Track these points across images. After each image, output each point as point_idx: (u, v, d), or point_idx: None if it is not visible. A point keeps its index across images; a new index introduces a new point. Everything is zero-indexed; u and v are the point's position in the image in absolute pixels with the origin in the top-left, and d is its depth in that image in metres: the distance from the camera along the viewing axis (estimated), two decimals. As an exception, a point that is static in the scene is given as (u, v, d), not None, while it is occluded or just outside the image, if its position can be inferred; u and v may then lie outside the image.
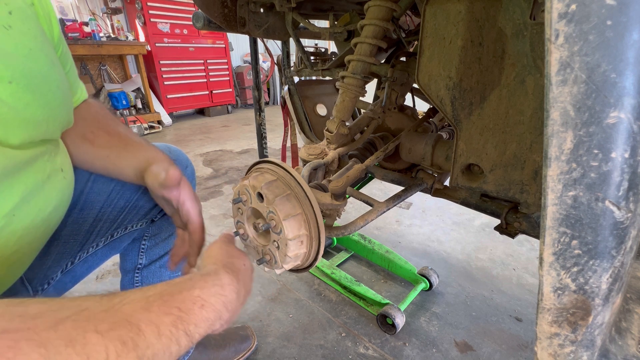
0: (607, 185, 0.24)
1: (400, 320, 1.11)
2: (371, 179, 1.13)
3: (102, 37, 3.94)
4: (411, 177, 0.89)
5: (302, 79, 1.35)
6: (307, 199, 0.56)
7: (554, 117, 0.25)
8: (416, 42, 1.07)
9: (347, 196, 0.76)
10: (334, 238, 1.63)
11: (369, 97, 1.11)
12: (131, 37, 4.26)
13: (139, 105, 4.55)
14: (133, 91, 4.55)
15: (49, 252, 0.63)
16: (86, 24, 3.90)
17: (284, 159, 1.49)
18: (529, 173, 0.58)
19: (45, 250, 0.60)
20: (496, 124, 0.58)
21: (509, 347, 1.09)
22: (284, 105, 1.31)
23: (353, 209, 2.00)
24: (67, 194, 0.57)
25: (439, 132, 1.01)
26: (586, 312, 0.28)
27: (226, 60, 5.29)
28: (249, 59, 5.58)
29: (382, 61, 1.14)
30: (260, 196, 0.57)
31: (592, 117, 0.23)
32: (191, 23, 1.28)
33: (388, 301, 1.16)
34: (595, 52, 0.22)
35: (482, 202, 0.77)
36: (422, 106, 1.12)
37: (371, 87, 1.03)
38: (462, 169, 0.66)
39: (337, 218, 0.75)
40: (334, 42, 1.21)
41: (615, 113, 0.23)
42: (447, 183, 0.79)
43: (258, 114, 1.64)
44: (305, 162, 0.84)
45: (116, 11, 4.44)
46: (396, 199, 0.76)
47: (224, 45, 5.18)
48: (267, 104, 6.31)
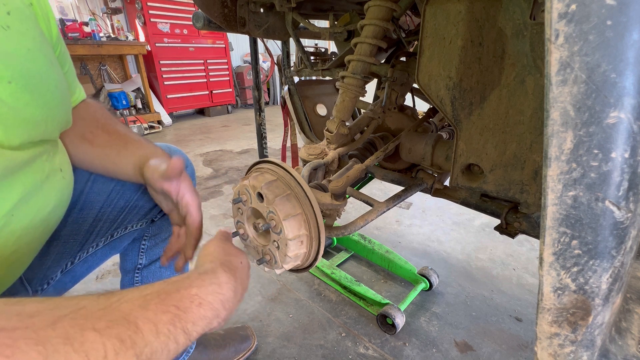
0: (607, 185, 0.25)
1: (400, 320, 1.11)
2: (371, 179, 1.13)
3: (102, 37, 3.94)
4: (411, 177, 0.89)
5: (302, 79, 1.35)
6: (307, 199, 0.56)
7: (554, 117, 0.25)
8: (416, 42, 1.07)
9: (347, 196, 0.76)
10: (334, 238, 1.63)
11: (369, 97, 1.11)
12: (131, 37, 4.27)
13: (139, 105, 4.55)
14: (133, 91, 4.55)
15: (48, 252, 0.63)
16: (86, 24, 3.90)
17: (284, 159, 1.49)
18: (529, 173, 0.58)
19: (44, 250, 0.60)
20: (496, 124, 0.58)
21: (509, 347, 1.09)
22: (284, 105, 1.31)
23: (353, 209, 2.00)
24: (66, 194, 0.57)
25: (439, 132, 1.01)
26: (586, 312, 0.28)
27: (226, 60, 5.29)
28: (249, 59, 5.58)
29: (382, 61, 1.14)
30: (260, 196, 0.57)
31: (592, 117, 0.23)
32: (191, 23, 1.28)
33: (388, 301, 1.16)
34: (595, 52, 0.22)
35: (482, 202, 0.77)
36: (422, 106, 1.12)
37: (371, 87, 1.03)
38: (462, 169, 0.66)
39: (337, 218, 0.75)
40: (334, 42, 1.21)
41: (615, 113, 0.23)
42: (447, 183, 0.79)
43: (258, 114, 1.64)
44: (305, 162, 0.84)
45: (116, 11, 4.44)
46: (396, 199, 0.76)
47: (224, 45, 5.18)
48: (267, 104, 6.31)
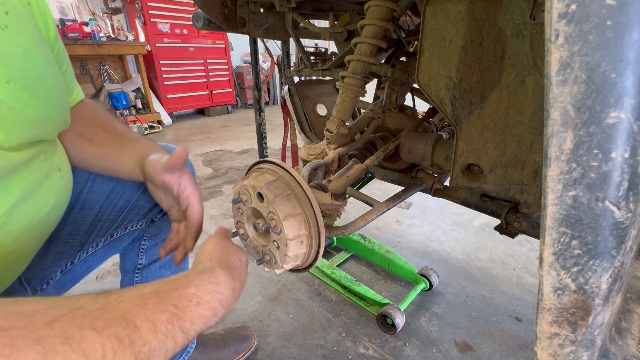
0: (607, 185, 0.24)
1: (400, 320, 1.11)
2: (371, 179, 1.13)
3: (102, 37, 3.94)
4: (411, 177, 0.89)
5: (302, 79, 1.35)
6: (307, 199, 0.56)
7: (554, 117, 0.25)
8: (416, 42, 1.07)
9: (347, 196, 0.76)
10: (334, 238, 1.63)
11: (369, 97, 1.11)
12: (131, 37, 4.27)
13: (139, 105, 4.55)
14: (133, 91, 4.55)
15: (47, 252, 0.63)
16: (86, 24, 3.90)
17: (284, 159, 1.49)
18: (529, 173, 0.58)
19: (44, 250, 0.60)
20: (496, 124, 0.58)
21: (509, 347, 1.09)
22: (284, 105, 1.31)
23: (353, 209, 2.00)
24: (65, 193, 0.57)
25: (439, 132, 1.01)
26: (586, 312, 0.28)
27: (226, 60, 5.29)
28: (249, 59, 5.58)
29: (382, 61, 1.14)
30: (260, 196, 0.57)
31: (592, 117, 0.23)
32: (191, 23, 1.28)
33: (388, 301, 1.16)
34: (595, 52, 0.22)
35: (482, 202, 0.77)
36: (422, 106, 1.12)
37: (371, 87, 1.03)
38: (462, 169, 0.66)
39: (337, 218, 0.75)
40: (334, 42, 1.21)
41: (615, 113, 0.23)
42: (447, 183, 0.79)
43: (258, 114, 1.64)
44: (305, 162, 0.84)
45: (116, 11, 4.44)
46: (396, 199, 0.76)
47: (224, 45, 5.18)
48: (267, 104, 6.31)
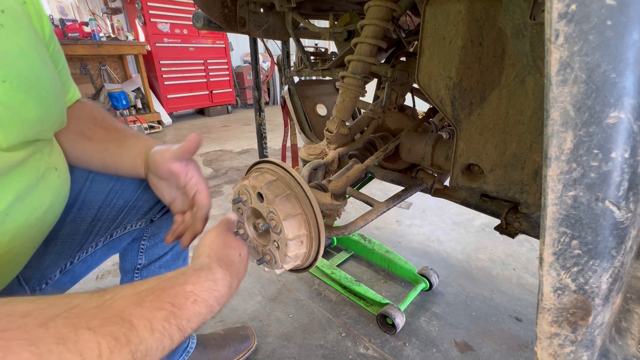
0: (607, 185, 0.24)
1: (400, 320, 1.11)
2: (371, 179, 1.13)
3: (102, 37, 3.94)
4: (411, 177, 0.89)
5: (302, 79, 1.35)
6: (307, 199, 0.56)
7: (554, 117, 0.25)
8: (416, 42, 1.07)
9: (347, 196, 0.76)
10: (334, 238, 1.63)
11: (369, 97, 1.11)
12: (131, 37, 4.26)
13: (139, 105, 4.55)
14: (133, 91, 4.55)
15: (46, 252, 0.63)
16: (86, 24, 3.90)
17: (284, 159, 1.49)
18: (529, 173, 0.58)
19: (42, 250, 0.60)
20: (496, 124, 0.58)
21: (509, 347, 1.09)
22: (284, 105, 1.31)
23: (353, 209, 2.00)
24: (62, 193, 0.57)
25: (439, 132, 1.01)
26: (586, 312, 0.28)
27: (226, 60, 5.29)
28: (249, 59, 5.58)
29: (382, 61, 1.14)
30: (260, 196, 0.57)
31: (592, 117, 0.23)
32: (191, 23, 1.28)
33: (388, 301, 1.16)
34: (595, 52, 0.22)
35: (482, 202, 0.77)
36: (422, 106, 1.12)
37: (371, 87, 1.03)
38: (462, 169, 0.66)
39: (337, 218, 0.75)
40: (334, 42, 1.21)
41: (615, 113, 0.23)
42: (447, 183, 0.79)
43: (258, 114, 1.64)
44: (305, 162, 0.84)
45: (116, 11, 4.44)
46: (396, 199, 0.76)
47: (224, 45, 5.18)
48: (267, 104, 6.31)
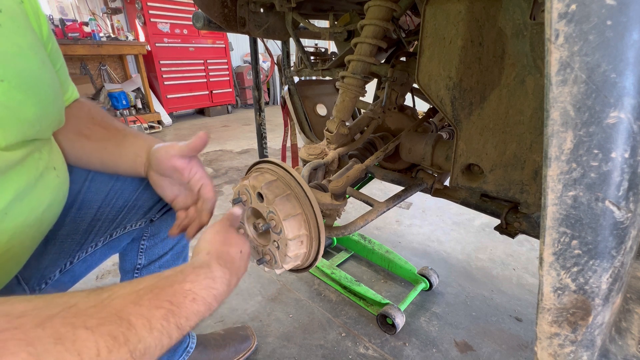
0: (607, 185, 0.24)
1: (400, 320, 1.11)
2: (371, 179, 1.13)
3: (102, 37, 3.94)
4: (411, 177, 0.89)
5: (302, 79, 1.35)
6: (307, 199, 0.56)
7: (554, 117, 0.25)
8: (416, 42, 1.07)
9: (347, 196, 0.76)
10: (334, 238, 1.63)
11: (369, 97, 1.11)
12: (131, 37, 4.26)
13: (139, 105, 4.55)
14: (133, 91, 4.55)
15: (46, 252, 0.63)
16: (86, 24, 3.90)
17: (284, 159, 1.49)
18: (529, 173, 0.58)
19: (42, 250, 0.60)
20: (496, 124, 0.58)
21: (509, 347, 1.09)
22: (284, 105, 1.31)
23: (353, 209, 2.00)
24: (61, 192, 0.57)
25: (439, 132, 1.01)
26: (586, 312, 0.28)
27: (226, 60, 5.29)
28: (249, 59, 5.58)
29: (382, 61, 1.14)
30: (260, 196, 0.57)
31: (592, 117, 0.23)
32: (191, 23, 1.28)
33: (388, 301, 1.16)
34: (595, 52, 0.22)
35: (482, 202, 0.77)
36: (422, 106, 1.12)
37: (371, 87, 1.03)
38: (462, 169, 0.66)
39: (337, 218, 0.75)
40: (334, 42, 1.21)
41: (615, 113, 0.23)
42: (447, 183, 0.79)
43: (258, 114, 1.64)
44: (305, 162, 0.84)
45: (116, 11, 4.44)
46: (396, 199, 0.76)
47: (224, 45, 5.18)
48: (267, 104, 6.31)
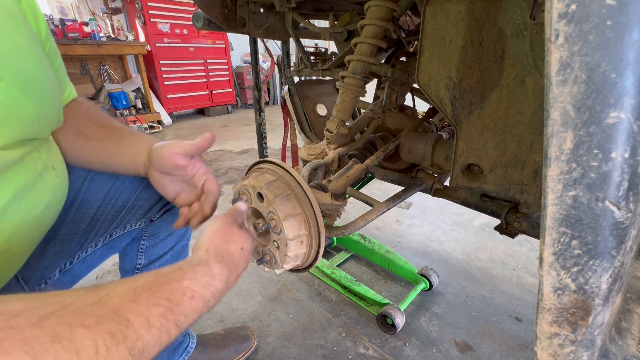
0: (607, 185, 0.24)
1: (400, 320, 1.11)
2: (371, 179, 1.13)
3: (102, 37, 3.94)
4: (411, 177, 0.89)
5: (302, 79, 1.35)
6: (307, 199, 0.56)
7: (554, 117, 0.25)
8: (416, 42, 1.07)
9: (347, 196, 0.76)
10: (334, 238, 1.63)
11: (369, 97, 1.11)
12: (131, 37, 4.26)
13: (139, 105, 4.55)
14: (133, 91, 4.55)
15: (45, 252, 0.63)
16: (86, 24, 3.90)
17: (284, 159, 1.49)
18: (529, 173, 0.58)
19: (41, 250, 0.60)
20: (496, 124, 0.58)
21: (509, 347, 1.09)
22: (284, 105, 1.31)
23: (353, 209, 2.00)
24: (60, 192, 0.57)
25: (439, 132, 1.01)
26: (586, 312, 0.28)
27: (226, 60, 5.29)
28: (249, 59, 5.58)
29: (382, 61, 1.14)
30: (260, 196, 0.57)
31: (592, 117, 0.23)
32: (191, 23, 1.28)
33: (388, 301, 1.16)
34: (595, 52, 0.22)
35: (482, 202, 0.77)
36: (422, 106, 1.12)
37: (371, 87, 1.03)
38: (462, 169, 0.66)
39: (337, 218, 0.75)
40: (334, 42, 1.21)
41: (615, 113, 0.23)
42: (447, 183, 0.79)
43: (258, 114, 1.64)
44: (305, 162, 0.84)
45: (116, 11, 4.44)
46: (396, 199, 0.76)
47: (224, 45, 5.18)
48: (267, 104, 6.31)
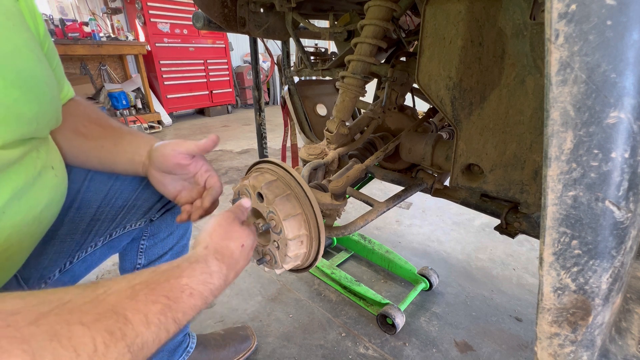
0: (607, 185, 0.24)
1: (400, 320, 1.11)
2: (371, 179, 1.13)
3: (102, 37, 3.94)
4: (411, 177, 0.89)
5: (302, 79, 1.35)
6: (307, 199, 0.56)
7: (554, 117, 0.25)
8: (416, 42, 1.07)
9: (347, 196, 0.76)
10: (334, 238, 1.63)
11: (369, 97, 1.11)
12: (131, 37, 4.26)
13: (139, 105, 4.55)
14: (133, 91, 4.55)
15: (45, 251, 0.63)
16: (86, 24, 3.90)
17: (284, 159, 1.49)
18: (529, 173, 0.58)
19: (41, 249, 0.60)
20: (496, 124, 0.58)
21: (509, 347, 1.09)
22: (284, 105, 1.31)
23: (353, 209, 2.00)
24: (59, 192, 0.57)
25: (439, 132, 1.01)
26: (586, 312, 0.28)
27: (226, 60, 5.29)
28: (249, 59, 5.58)
29: (382, 61, 1.14)
30: (260, 196, 0.57)
31: (592, 117, 0.23)
32: (191, 23, 1.28)
33: (388, 301, 1.16)
34: (595, 52, 0.22)
35: (482, 202, 0.77)
36: (422, 106, 1.12)
37: (371, 87, 1.03)
38: (462, 169, 0.66)
39: (337, 218, 0.75)
40: (334, 42, 1.21)
41: (615, 113, 0.23)
42: (447, 183, 0.79)
43: (258, 114, 1.64)
44: (305, 162, 0.84)
45: (116, 11, 4.44)
46: (396, 199, 0.76)
47: (224, 45, 5.18)
48: (267, 104, 6.31)
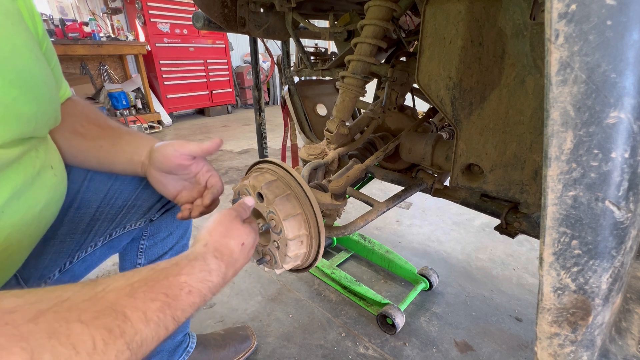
0: (607, 185, 0.24)
1: (400, 320, 1.11)
2: (371, 179, 1.13)
3: (102, 37, 3.94)
4: (411, 177, 0.89)
5: (302, 79, 1.35)
6: (307, 199, 0.56)
7: (554, 117, 0.25)
8: (416, 42, 1.07)
9: (347, 196, 0.76)
10: (334, 238, 1.63)
11: (369, 97, 1.11)
12: (131, 37, 4.26)
13: (139, 105, 4.55)
14: (133, 91, 4.55)
15: (45, 251, 0.63)
16: (86, 24, 3.90)
17: (284, 159, 1.49)
18: (529, 173, 0.58)
19: (40, 249, 0.60)
20: (496, 124, 0.58)
21: (509, 347, 1.09)
22: (284, 105, 1.31)
23: (353, 209, 2.00)
24: (58, 191, 0.57)
25: (439, 132, 1.01)
26: (586, 312, 0.28)
27: (226, 60, 5.29)
28: (249, 59, 5.58)
29: (382, 61, 1.14)
30: (260, 196, 0.57)
31: (592, 117, 0.23)
32: (191, 23, 1.28)
33: (388, 301, 1.16)
34: (595, 52, 0.22)
35: (482, 202, 0.77)
36: (422, 106, 1.12)
37: (371, 87, 1.03)
38: (462, 169, 0.66)
39: (337, 218, 0.75)
40: (334, 42, 1.21)
41: (615, 113, 0.23)
42: (447, 183, 0.79)
43: (258, 114, 1.64)
44: (305, 162, 0.84)
45: (116, 11, 4.44)
46: (396, 199, 0.76)
47: (224, 45, 5.18)
48: (267, 104, 6.31)
